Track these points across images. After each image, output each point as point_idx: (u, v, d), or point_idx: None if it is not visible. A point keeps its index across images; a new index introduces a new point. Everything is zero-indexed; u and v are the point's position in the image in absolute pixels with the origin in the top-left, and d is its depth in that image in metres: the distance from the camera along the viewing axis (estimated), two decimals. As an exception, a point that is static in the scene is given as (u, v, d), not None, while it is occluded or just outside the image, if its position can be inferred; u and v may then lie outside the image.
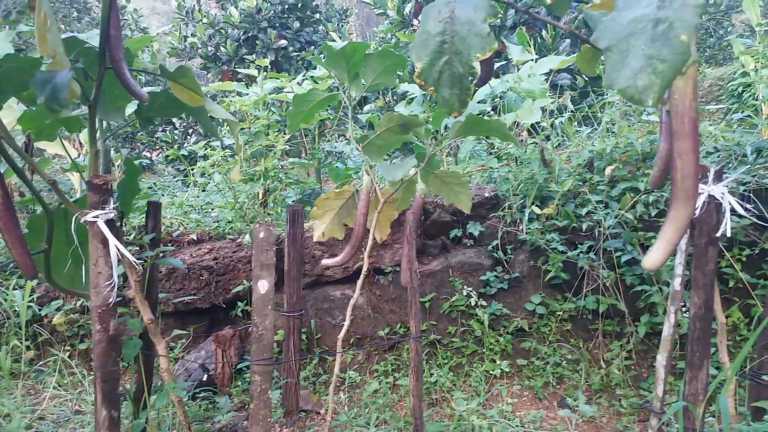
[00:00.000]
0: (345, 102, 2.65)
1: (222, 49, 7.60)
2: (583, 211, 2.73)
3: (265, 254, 1.83)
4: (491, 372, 2.64)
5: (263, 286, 1.79)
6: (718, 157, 2.81)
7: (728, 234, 1.57)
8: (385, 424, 2.29)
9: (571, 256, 2.64)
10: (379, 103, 6.19)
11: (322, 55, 2.57)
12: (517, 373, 2.68)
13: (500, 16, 5.63)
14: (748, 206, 1.73)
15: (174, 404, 2.08)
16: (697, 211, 1.63)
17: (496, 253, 2.84)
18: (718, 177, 1.62)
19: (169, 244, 3.07)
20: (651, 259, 1.53)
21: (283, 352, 2.47)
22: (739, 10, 14.11)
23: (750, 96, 6.41)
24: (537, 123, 3.32)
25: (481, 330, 2.75)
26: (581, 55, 1.68)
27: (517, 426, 2.24)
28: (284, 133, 3.90)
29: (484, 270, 2.83)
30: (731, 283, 2.52)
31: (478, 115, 2.72)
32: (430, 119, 2.99)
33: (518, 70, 3.64)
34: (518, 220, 2.86)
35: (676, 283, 1.72)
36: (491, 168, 3.28)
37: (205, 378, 2.66)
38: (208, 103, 1.88)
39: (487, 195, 3.00)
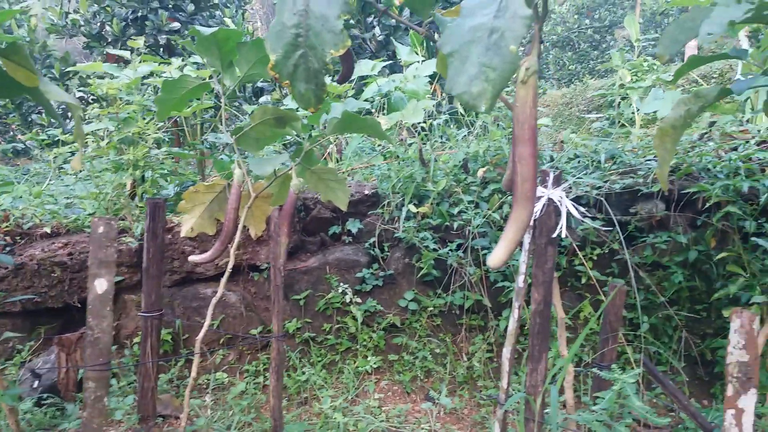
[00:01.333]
0: (219, 91, 2.55)
1: (108, 28, 7.04)
2: (456, 211, 2.83)
3: (104, 251, 1.69)
4: (363, 368, 2.66)
5: (101, 285, 1.66)
6: (578, 162, 3.03)
7: (563, 235, 1.69)
8: (248, 426, 2.23)
9: (442, 253, 2.73)
10: (275, 95, 6.04)
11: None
12: (388, 368, 2.72)
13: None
14: (582, 209, 1.86)
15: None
16: (538, 213, 1.73)
17: (373, 250, 2.87)
18: (557, 182, 1.73)
19: (18, 238, 2.77)
20: (494, 258, 1.61)
21: (140, 354, 2.32)
22: (621, 26, 15.46)
23: (628, 106, 7.05)
24: (418, 123, 3.40)
25: (355, 327, 2.77)
26: (440, 60, 1.72)
27: (382, 421, 2.27)
28: (164, 122, 3.68)
29: (361, 267, 2.85)
30: (584, 280, 2.73)
31: (357, 113, 2.73)
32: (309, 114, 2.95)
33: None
34: (396, 218, 2.91)
35: (520, 281, 1.82)
36: (374, 165, 3.31)
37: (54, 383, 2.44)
38: (43, 84, 1.71)
39: (367, 192, 3.02)
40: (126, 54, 3.70)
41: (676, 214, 2.63)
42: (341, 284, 2.80)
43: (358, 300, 2.78)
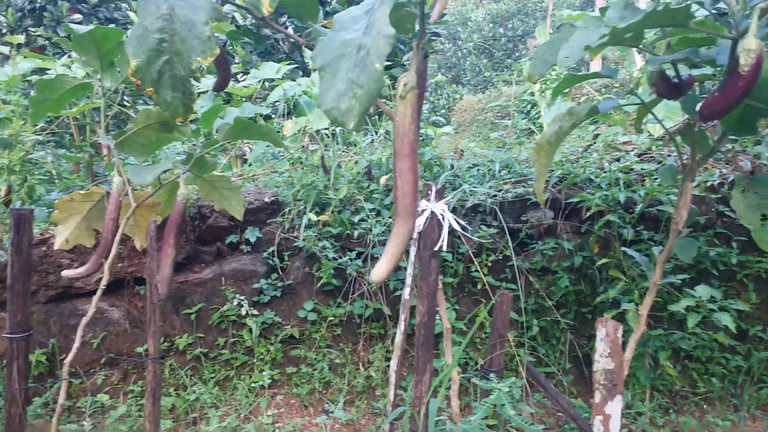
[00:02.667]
0: (99, 92, 2.38)
1: (1, 18, 6.43)
2: (357, 219, 2.81)
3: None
4: (259, 383, 2.58)
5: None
6: (477, 171, 3.11)
7: (444, 248, 1.71)
8: (127, 452, 2.09)
9: (342, 262, 2.70)
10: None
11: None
12: (286, 381, 2.66)
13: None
14: (463, 222, 1.88)
15: None
16: (422, 226, 1.74)
17: (273, 259, 2.79)
18: (440, 195, 1.75)
19: None
20: (377, 272, 1.59)
21: (6, 379, 2.11)
22: (533, 36, 16.23)
23: (536, 114, 7.38)
24: (323, 129, 3.35)
25: (251, 340, 2.67)
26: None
27: (275, 438, 2.21)
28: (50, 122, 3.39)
29: (259, 277, 2.76)
30: (479, 286, 2.80)
31: (253, 118, 2.63)
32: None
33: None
34: (297, 227, 2.85)
35: (406, 293, 1.83)
36: (276, 172, 3.23)
37: None
38: None
39: (267, 200, 2.93)
40: (5, 50, 3.38)
41: (562, 222, 2.76)
42: (237, 296, 2.69)
43: (255, 312, 2.69)
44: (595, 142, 3.10)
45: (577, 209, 2.77)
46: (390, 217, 2.82)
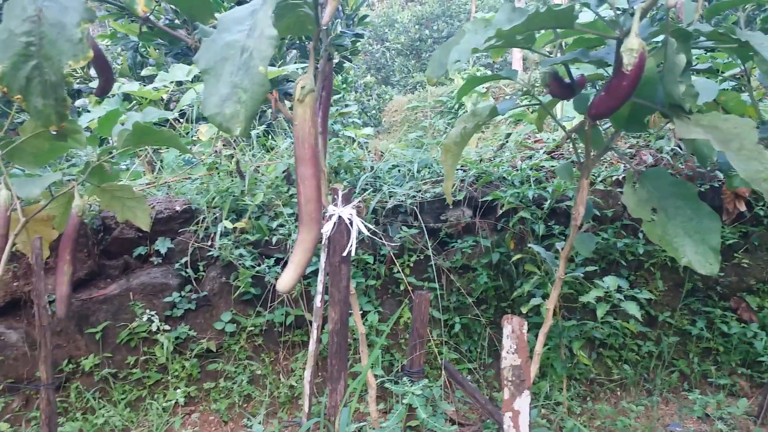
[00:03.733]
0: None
1: None
2: (275, 224, 2.74)
3: None
4: (174, 401, 2.45)
5: None
6: (398, 172, 3.11)
7: (353, 254, 1.68)
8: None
9: (260, 270, 2.62)
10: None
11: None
12: (204, 397, 2.54)
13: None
14: (371, 227, 1.86)
15: None
16: (330, 232, 1.71)
17: (186, 271, 2.66)
18: (347, 199, 1.72)
19: None
20: (282, 282, 1.53)
21: None
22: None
23: (464, 113, 7.53)
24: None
25: (165, 356, 2.54)
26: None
27: (190, 459, 2.10)
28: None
29: (171, 290, 2.63)
30: (402, 287, 2.80)
31: (154, 125, 2.50)
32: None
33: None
34: (212, 235, 2.73)
35: (317, 300, 1.78)
36: (189, 178, 3.09)
37: None
38: None
39: (179, 208, 2.80)
40: None
41: (479, 220, 2.81)
42: (147, 311, 2.55)
43: (167, 327, 2.56)
44: (507, 141, 3.19)
45: (493, 207, 2.83)
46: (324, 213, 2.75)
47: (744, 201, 2.89)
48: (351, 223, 1.69)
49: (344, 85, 8.25)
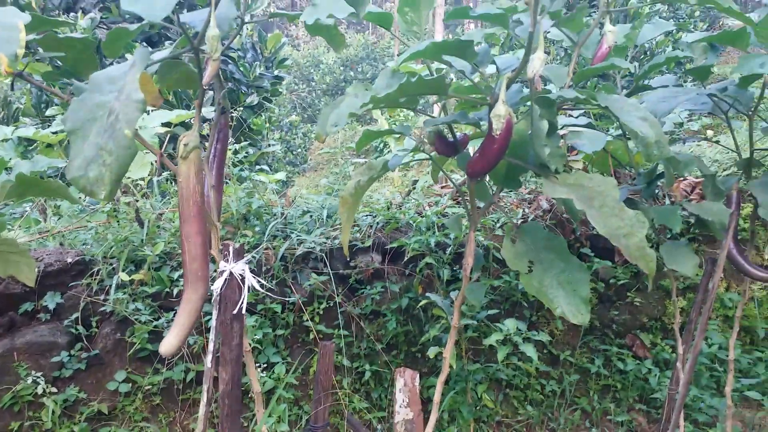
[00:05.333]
0: None
1: None
2: (177, 275, 2.64)
3: None
4: (58, 473, 2.26)
5: None
6: (310, 218, 3.11)
7: (243, 311, 1.65)
8: None
9: (158, 324, 2.50)
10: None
11: None
12: (93, 466, 2.36)
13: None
14: (263, 281, 1.83)
15: None
16: (221, 289, 1.67)
17: (76, 327, 2.49)
18: (239, 254, 1.69)
19: None
20: (165, 345, 1.46)
21: None
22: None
23: (388, 152, 7.69)
24: (141, 179, 3.13)
25: (53, 421, 2.34)
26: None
27: None
28: None
29: (60, 349, 2.45)
30: (312, 335, 2.75)
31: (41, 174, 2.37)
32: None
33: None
34: (107, 288, 2.58)
35: (208, 361, 1.72)
36: (85, 227, 2.93)
37: None
38: None
39: (70, 260, 2.63)
40: None
41: (388, 265, 2.84)
42: (33, 372, 2.35)
43: (55, 389, 2.37)
44: (414, 188, 3.29)
45: (401, 252, 2.88)
46: (215, 270, 2.67)
47: (632, 242, 3.11)
48: (243, 279, 1.66)
49: (268, 125, 8.23)
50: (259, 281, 1.69)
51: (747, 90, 2.16)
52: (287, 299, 2.73)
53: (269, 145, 7.87)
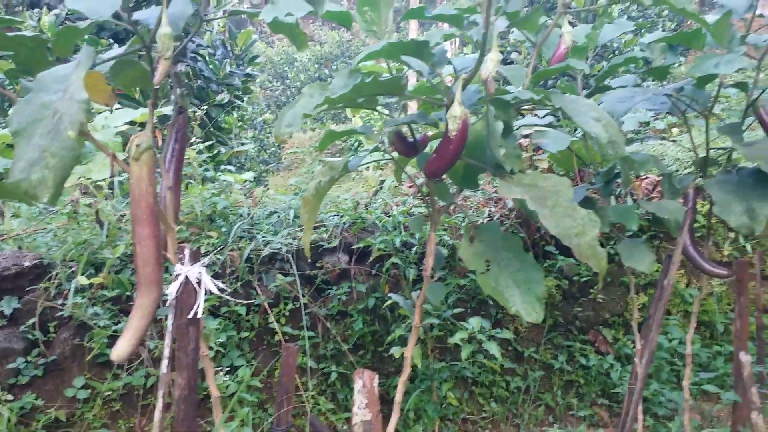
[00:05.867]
0: None
1: None
2: (138, 278, 2.58)
3: None
4: (13, 483, 2.19)
5: None
6: (277, 218, 3.08)
7: (199, 315, 1.62)
8: None
9: (118, 329, 2.44)
10: None
11: None
12: (50, 475, 2.29)
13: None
14: (220, 284, 1.80)
15: None
16: (177, 293, 1.64)
17: (33, 333, 2.42)
18: (195, 257, 1.67)
19: None
20: (117, 350, 1.43)
21: None
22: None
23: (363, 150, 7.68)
24: (103, 179, 3.06)
25: (8, 429, 2.27)
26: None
27: None
28: None
29: (16, 355, 2.37)
30: (277, 337, 2.73)
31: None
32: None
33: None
34: (65, 292, 2.52)
35: (164, 366, 1.69)
36: (43, 230, 2.85)
37: None
38: None
39: (27, 264, 2.56)
40: None
41: (354, 266, 2.84)
42: (-14, 381, 2.28)
43: (11, 397, 2.30)
44: (381, 187, 3.29)
45: (368, 252, 2.87)
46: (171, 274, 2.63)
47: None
48: (200, 283, 1.63)
49: (240, 123, 8.12)
50: (217, 284, 1.67)
51: (704, 90, 2.22)
52: (252, 301, 2.70)
53: (242, 144, 7.77)
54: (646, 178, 3.58)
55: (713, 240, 3.59)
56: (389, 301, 2.71)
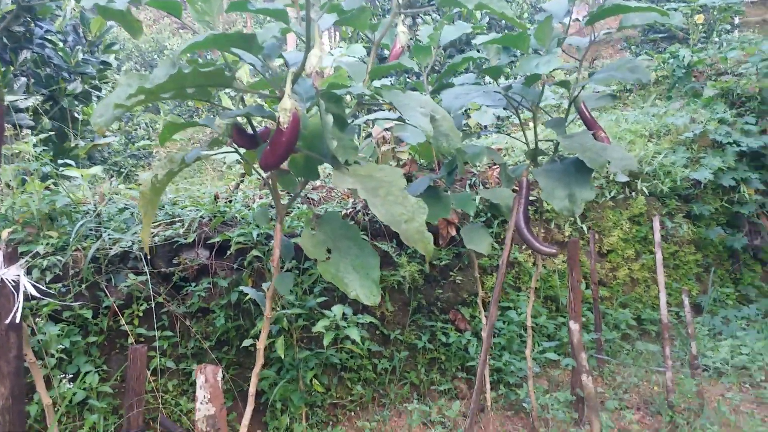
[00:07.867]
0: None
1: None
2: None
3: None
4: None
5: None
6: (130, 214, 2.90)
7: (18, 320, 1.50)
8: None
9: None
10: None
11: None
12: None
13: None
14: (41, 287, 1.70)
15: None
16: (-10, 298, 1.50)
17: None
18: (11, 259, 1.54)
19: None
20: None
21: None
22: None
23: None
24: None
25: None
26: None
27: None
28: None
29: None
30: (131, 340, 2.59)
31: None
32: None
33: None
34: None
35: (-21, 379, 1.55)
36: None
37: None
38: None
39: None
40: None
41: (215, 261, 2.77)
42: None
43: None
44: (243, 180, 3.24)
45: (228, 246, 2.82)
46: None
47: (455, 227, 3.37)
48: (17, 286, 1.51)
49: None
50: (38, 287, 1.55)
51: (533, 87, 2.46)
52: (101, 304, 2.54)
53: (104, 136, 7.17)
54: (498, 167, 3.89)
55: (555, 222, 4.00)
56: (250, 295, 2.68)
